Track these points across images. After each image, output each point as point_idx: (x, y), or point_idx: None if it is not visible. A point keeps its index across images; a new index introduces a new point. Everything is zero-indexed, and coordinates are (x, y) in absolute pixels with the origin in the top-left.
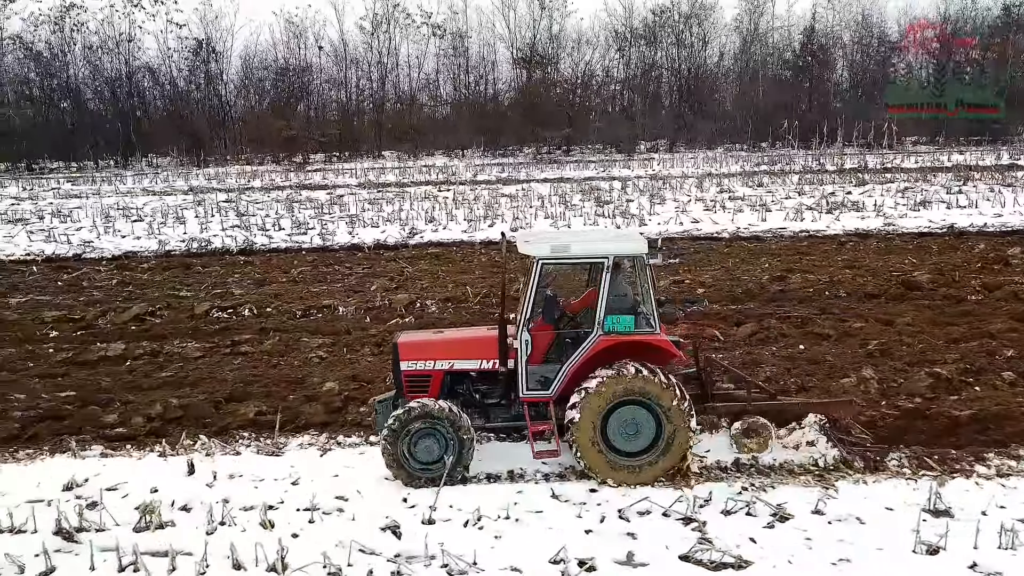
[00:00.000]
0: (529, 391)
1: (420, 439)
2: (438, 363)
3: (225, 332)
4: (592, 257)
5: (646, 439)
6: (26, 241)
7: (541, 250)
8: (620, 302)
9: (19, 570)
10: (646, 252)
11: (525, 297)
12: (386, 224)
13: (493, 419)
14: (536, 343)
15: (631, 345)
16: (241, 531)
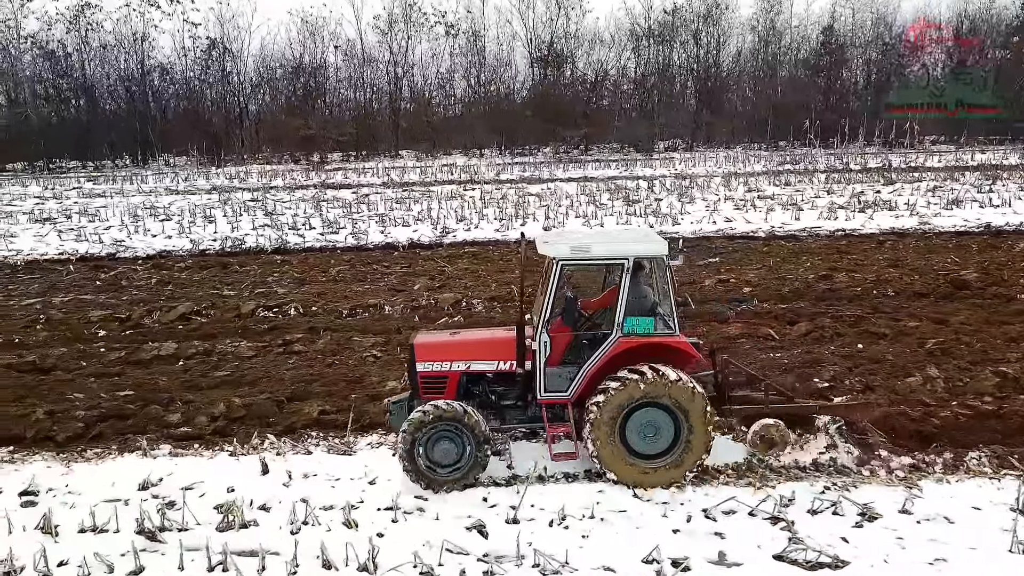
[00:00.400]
0: (547, 393)
1: (437, 442)
2: (455, 364)
3: (275, 331)
4: (612, 258)
5: (665, 442)
6: (57, 240)
7: (561, 251)
8: (640, 304)
9: (108, 569)
10: (667, 253)
11: (545, 298)
12: (417, 223)
13: (509, 420)
14: (554, 344)
15: (650, 347)
16: (326, 531)
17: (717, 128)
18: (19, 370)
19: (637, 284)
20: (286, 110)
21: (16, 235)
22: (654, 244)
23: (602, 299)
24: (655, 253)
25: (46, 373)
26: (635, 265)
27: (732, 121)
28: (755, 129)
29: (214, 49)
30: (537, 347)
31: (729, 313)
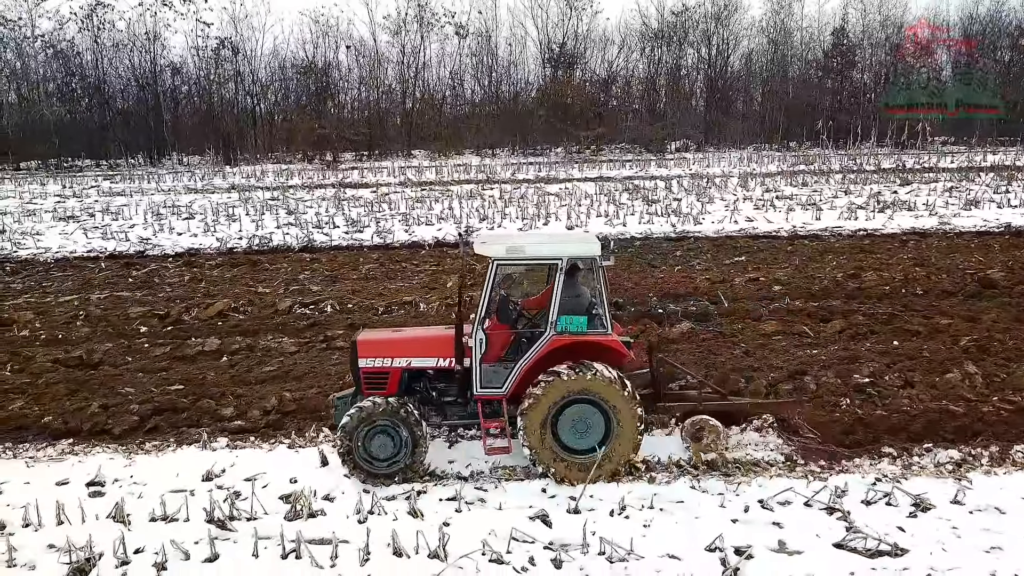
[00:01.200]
0: (483, 389)
1: (375, 436)
2: (396, 361)
3: (315, 328)
4: (546, 259)
5: (596, 436)
6: (84, 238)
7: (497, 251)
8: (575, 303)
9: (184, 556)
10: (599, 254)
11: (480, 297)
12: (440, 222)
13: (450, 416)
14: (491, 342)
15: (583, 345)
16: (393, 519)
17: (728, 129)
18: (67, 365)
19: (572, 284)
20: (298, 110)
21: (42, 233)
22: (587, 245)
23: (539, 299)
24: (588, 254)
25: (94, 368)
26: (571, 266)
27: (743, 122)
28: (766, 130)
29: (223, 48)
30: (473, 344)
31: (762, 311)
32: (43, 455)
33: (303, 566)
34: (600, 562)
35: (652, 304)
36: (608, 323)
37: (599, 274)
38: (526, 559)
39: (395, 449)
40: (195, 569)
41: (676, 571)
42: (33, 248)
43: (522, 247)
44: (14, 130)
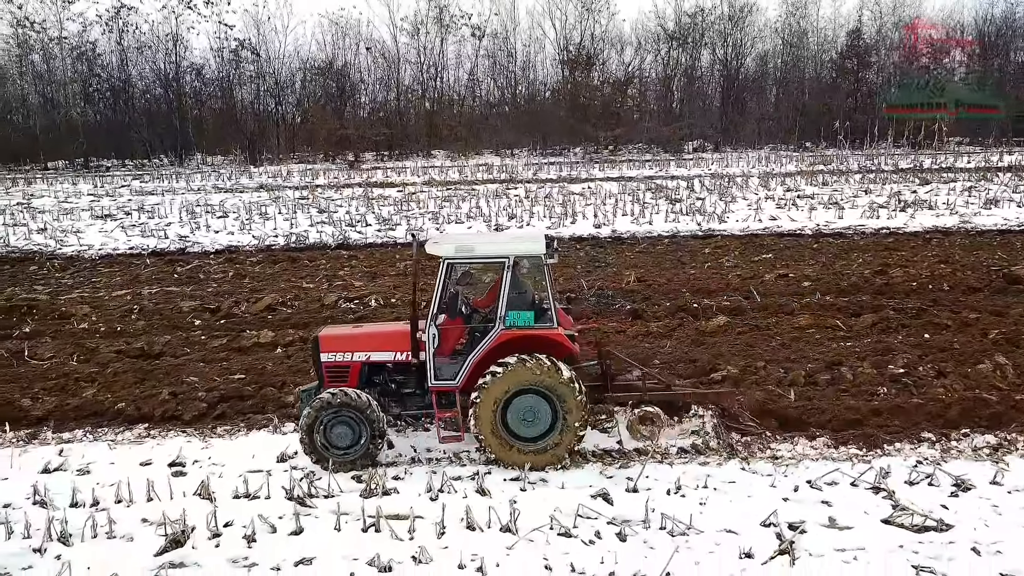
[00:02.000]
0: (437, 381)
1: (334, 426)
2: (356, 355)
3: (363, 321)
4: (494, 257)
5: (543, 425)
6: (123, 236)
7: (447, 251)
8: (521, 299)
9: (271, 529)
10: (544, 253)
11: (433, 294)
12: (470, 220)
13: (408, 407)
14: (444, 337)
15: (530, 339)
16: (462, 497)
17: (744, 129)
18: (129, 356)
19: (518, 281)
20: (320, 110)
21: (82, 231)
22: (533, 244)
23: (489, 296)
24: (533, 252)
25: (156, 358)
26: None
27: (759, 123)
28: (783, 130)
29: (242, 49)
30: (426, 339)
31: (794, 305)
32: (122, 439)
33: (383, 539)
34: (662, 536)
35: (687, 299)
36: (555, 318)
37: (544, 272)
38: (592, 533)
39: (354, 439)
40: (282, 541)
41: (734, 544)
42: (76, 245)
43: (471, 247)
44: (42, 131)
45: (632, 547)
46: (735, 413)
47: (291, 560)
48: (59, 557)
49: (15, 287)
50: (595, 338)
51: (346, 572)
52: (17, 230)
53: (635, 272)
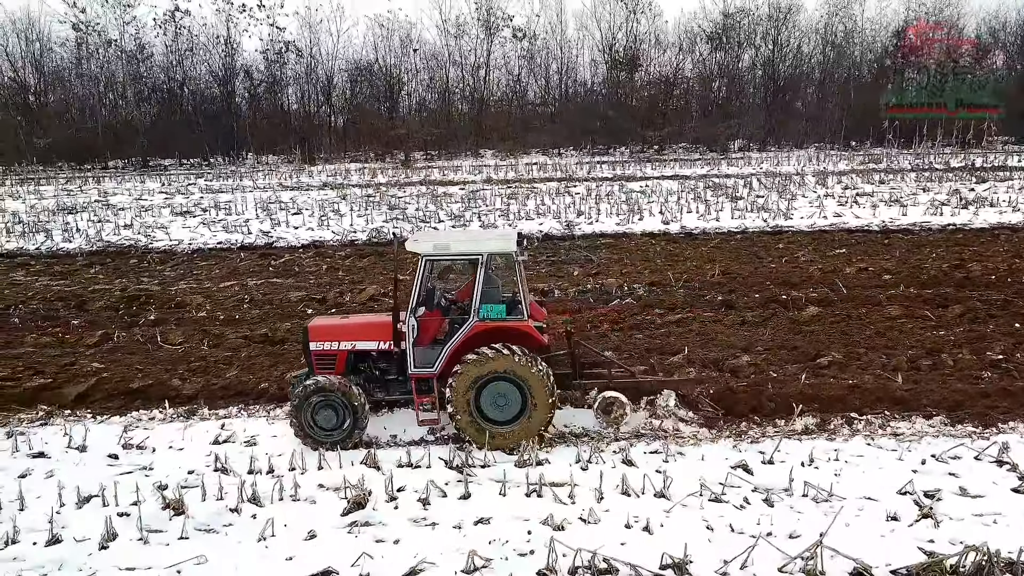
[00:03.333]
0: (416, 368)
1: (321, 409)
2: (342, 344)
3: None
4: (469, 254)
5: (514, 409)
6: (208, 232)
7: (425, 248)
8: (495, 293)
9: (442, 494)
10: (515, 250)
11: (413, 288)
12: (539, 216)
13: (392, 392)
14: (422, 328)
15: (502, 330)
16: (611, 467)
17: (788, 128)
18: (255, 341)
19: (490, 277)
20: (373, 112)
21: (166, 227)
22: (505, 242)
23: (465, 289)
24: (505, 249)
25: (281, 344)
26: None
27: (804, 122)
28: (830, 130)
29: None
30: (407, 329)
31: (881, 297)
32: (274, 415)
33: (547, 503)
34: (806, 502)
35: (773, 291)
36: (526, 311)
37: (517, 267)
38: (740, 499)
39: (338, 422)
40: (454, 504)
41: (877, 509)
42: (167, 240)
43: (447, 244)
44: (103, 131)
45: (780, 511)
46: (694, 399)
47: (469, 520)
48: (255, 516)
49: (122, 279)
50: (566, 329)
51: (523, 530)
52: (105, 226)
53: (717, 266)
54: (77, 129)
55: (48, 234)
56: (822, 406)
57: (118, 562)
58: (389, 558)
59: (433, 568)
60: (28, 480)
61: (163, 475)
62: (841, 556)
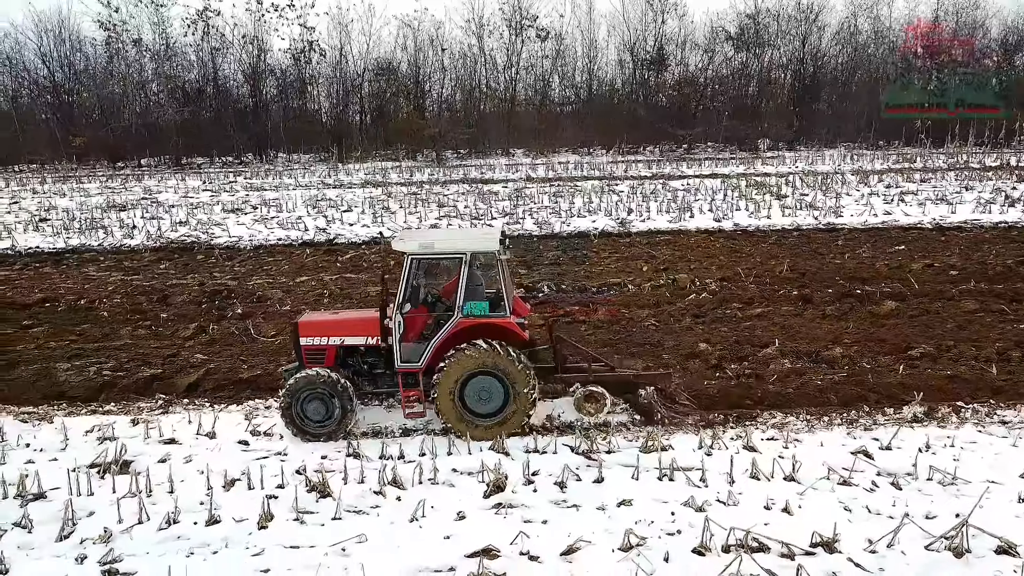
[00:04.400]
0: (402, 363)
1: (310, 401)
2: (331, 339)
3: (546, 304)
4: (453, 253)
5: (497, 402)
6: (264, 228)
7: (410, 247)
8: (479, 290)
9: (576, 478)
10: (498, 249)
11: (400, 285)
12: (590, 214)
13: (379, 386)
14: (408, 324)
15: (485, 327)
16: (735, 452)
17: (817, 127)
18: None
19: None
20: (408, 111)
21: (221, 223)
22: (488, 241)
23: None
24: (488, 248)
25: None
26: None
27: (836, 122)
28: (856, 129)
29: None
30: (393, 325)
31: (953, 291)
32: (389, 404)
33: (680, 486)
34: (933, 485)
35: (844, 286)
36: (508, 307)
37: (500, 265)
38: (868, 482)
39: (327, 413)
40: (589, 487)
41: (1004, 492)
42: (226, 236)
43: (432, 243)
44: (137, 130)
45: (910, 494)
46: (671, 393)
47: (611, 502)
48: (399, 499)
49: (193, 274)
50: (548, 325)
51: (666, 512)
52: (161, 223)
53: (785, 262)
54: (112, 128)
55: (107, 230)
56: (926, 396)
57: (280, 540)
58: (544, 537)
59: (590, 547)
60: (167, 465)
61: (298, 460)
62: (985, 535)
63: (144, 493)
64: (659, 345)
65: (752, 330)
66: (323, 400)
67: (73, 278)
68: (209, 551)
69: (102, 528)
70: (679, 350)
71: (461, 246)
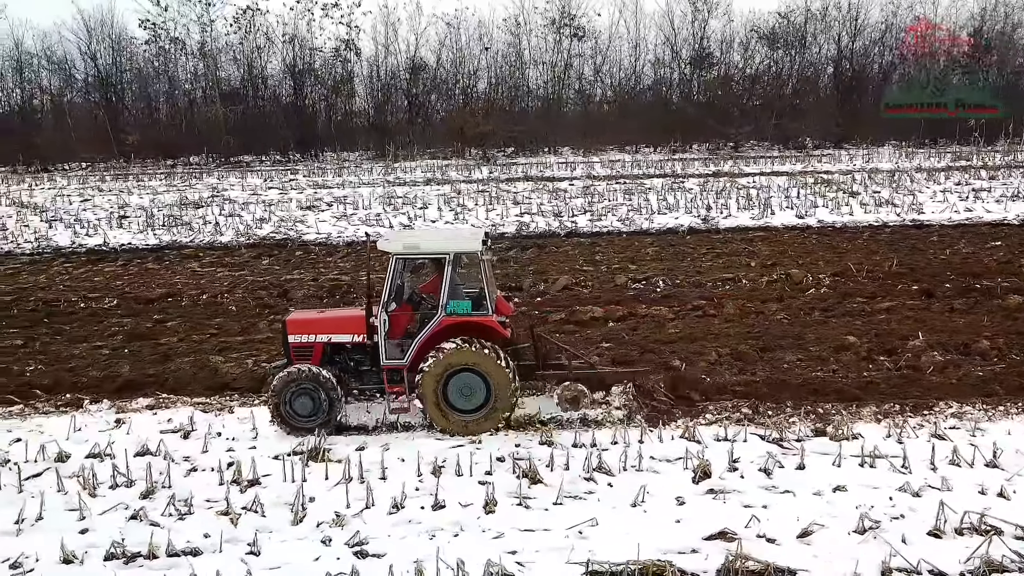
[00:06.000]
0: (388, 360)
1: (297, 397)
2: (319, 337)
3: (670, 299)
4: (436, 253)
5: (479, 399)
6: (349, 225)
7: (395, 247)
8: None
9: (779, 464)
10: (480, 249)
11: (384, 284)
12: (671, 212)
13: (365, 382)
14: (393, 322)
15: (468, 325)
16: (925, 441)
17: (863, 125)
18: None
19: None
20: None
21: (303, 220)
22: (471, 241)
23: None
24: (471, 249)
25: None
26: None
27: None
28: (910, 126)
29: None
30: (379, 323)
31: None
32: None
33: (883, 472)
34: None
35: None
36: (491, 306)
37: (481, 265)
38: None
39: (314, 408)
40: (792, 473)
41: None
42: (314, 233)
43: (416, 244)
44: (185, 127)
45: None
46: (650, 389)
47: (824, 488)
48: (611, 485)
49: (299, 269)
50: (529, 323)
51: (883, 497)
52: (237, 220)
53: (894, 258)
54: (164, 126)
55: (192, 227)
56: None
57: (512, 524)
58: (774, 521)
59: (824, 530)
60: (365, 453)
61: (495, 448)
62: None
63: (357, 480)
64: (800, 338)
65: (887, 324)
66: (311, 396)
67: (181, 273)
68: (448, 534)
69: (333, 513)
70: (825, 343)
71: (445, 246)
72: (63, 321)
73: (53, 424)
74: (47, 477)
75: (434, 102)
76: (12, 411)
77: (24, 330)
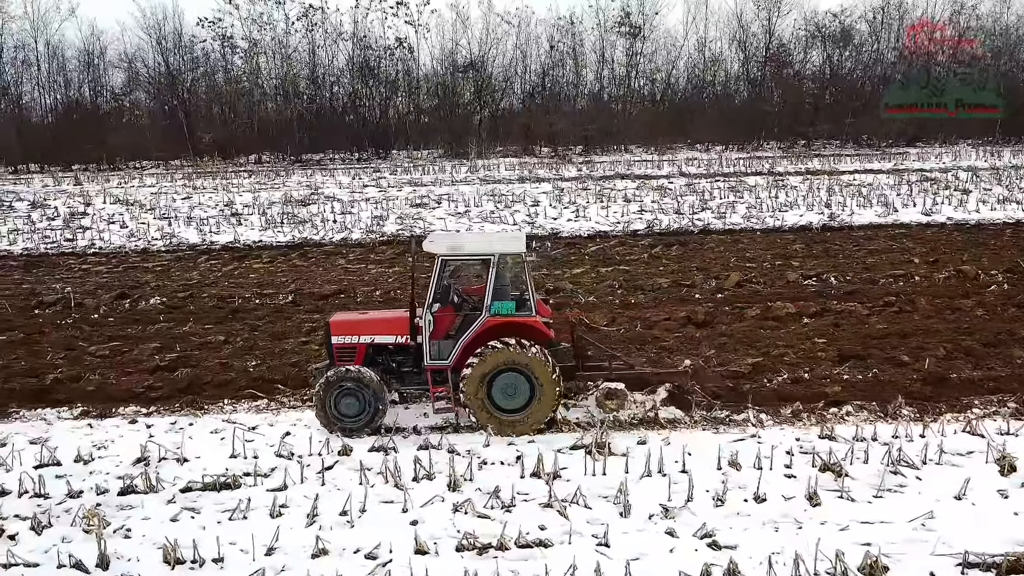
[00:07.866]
0: (432, 360)
1: (343, 398)
2: (362, 338)
3: (856, 295)
4: (481, 254)
5: (523, 399)
6: (467, 221)
7: (440, 248)
8: (505, 290)
9: None
10: (524, 251)
11: (429, 286)
12: (789, 209)
13: (408, 383)
14: (438, 323)
15: (512, 325)
16: None
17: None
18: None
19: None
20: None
21: (422, 217)
22: (515, 243)
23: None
24: (515, 250)
25: (704, 327)
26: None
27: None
28: (982, 124)
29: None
30: (423, 324)
31: None
32: None
33: None
34: None
35: None
36: (533, 307)
37: (524, 267)
38: None
39: (360, 409)
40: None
41: None
42: (439, 229)
43: (461, 245)
44: (257, 126)
45: None
46: (688, 389)
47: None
48: (919, 478)
49: None
50: (569, 325)
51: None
52: (348, 218)
53: None
54: (240, 125)
55: (314, 225)
56: None
57: (848, 516)
58: None
59: None
60: (648, 447)
61: (776, 441)
62: None
63: (657, 473)
64: (1014, 334)
65: None
66: (356, 397)
67: (334, 270)
68: (790, 526)
69: (659, 505)
70: None
71: (490, 248)
72: (250, 317)
73: (310, 417)
74: (338, 470)
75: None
76: (258, 405)
77: (217, 326)
